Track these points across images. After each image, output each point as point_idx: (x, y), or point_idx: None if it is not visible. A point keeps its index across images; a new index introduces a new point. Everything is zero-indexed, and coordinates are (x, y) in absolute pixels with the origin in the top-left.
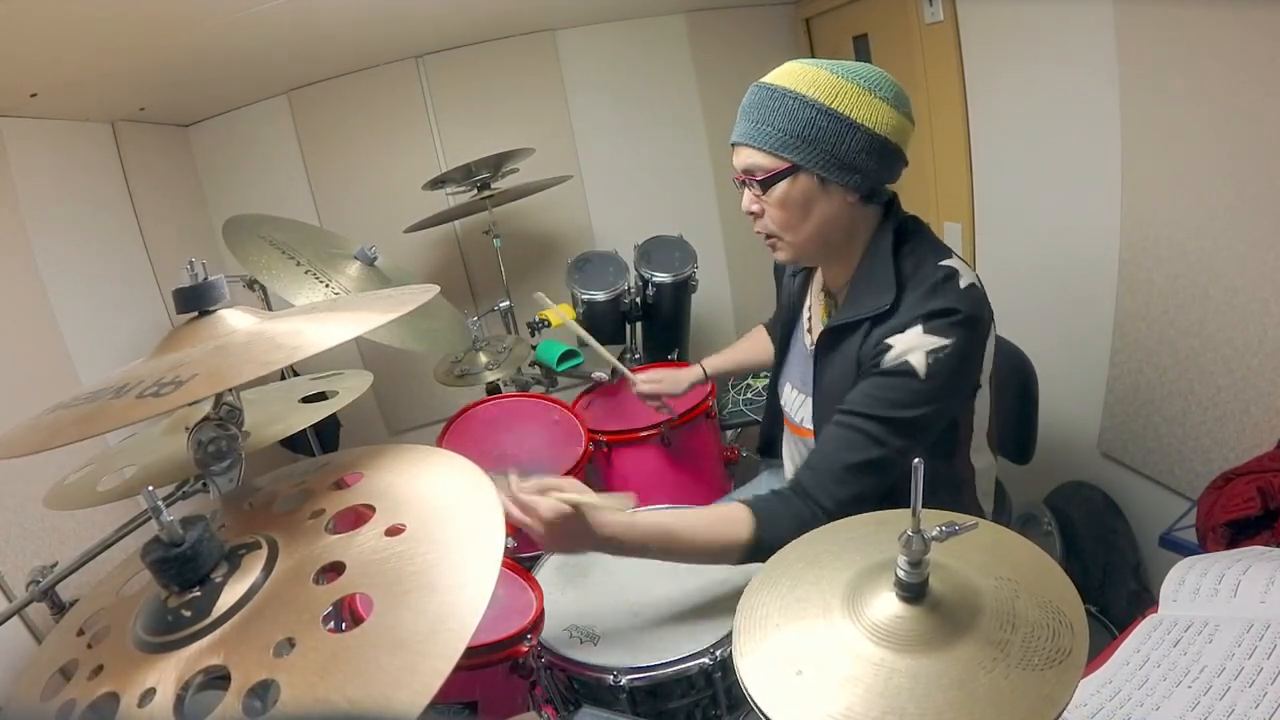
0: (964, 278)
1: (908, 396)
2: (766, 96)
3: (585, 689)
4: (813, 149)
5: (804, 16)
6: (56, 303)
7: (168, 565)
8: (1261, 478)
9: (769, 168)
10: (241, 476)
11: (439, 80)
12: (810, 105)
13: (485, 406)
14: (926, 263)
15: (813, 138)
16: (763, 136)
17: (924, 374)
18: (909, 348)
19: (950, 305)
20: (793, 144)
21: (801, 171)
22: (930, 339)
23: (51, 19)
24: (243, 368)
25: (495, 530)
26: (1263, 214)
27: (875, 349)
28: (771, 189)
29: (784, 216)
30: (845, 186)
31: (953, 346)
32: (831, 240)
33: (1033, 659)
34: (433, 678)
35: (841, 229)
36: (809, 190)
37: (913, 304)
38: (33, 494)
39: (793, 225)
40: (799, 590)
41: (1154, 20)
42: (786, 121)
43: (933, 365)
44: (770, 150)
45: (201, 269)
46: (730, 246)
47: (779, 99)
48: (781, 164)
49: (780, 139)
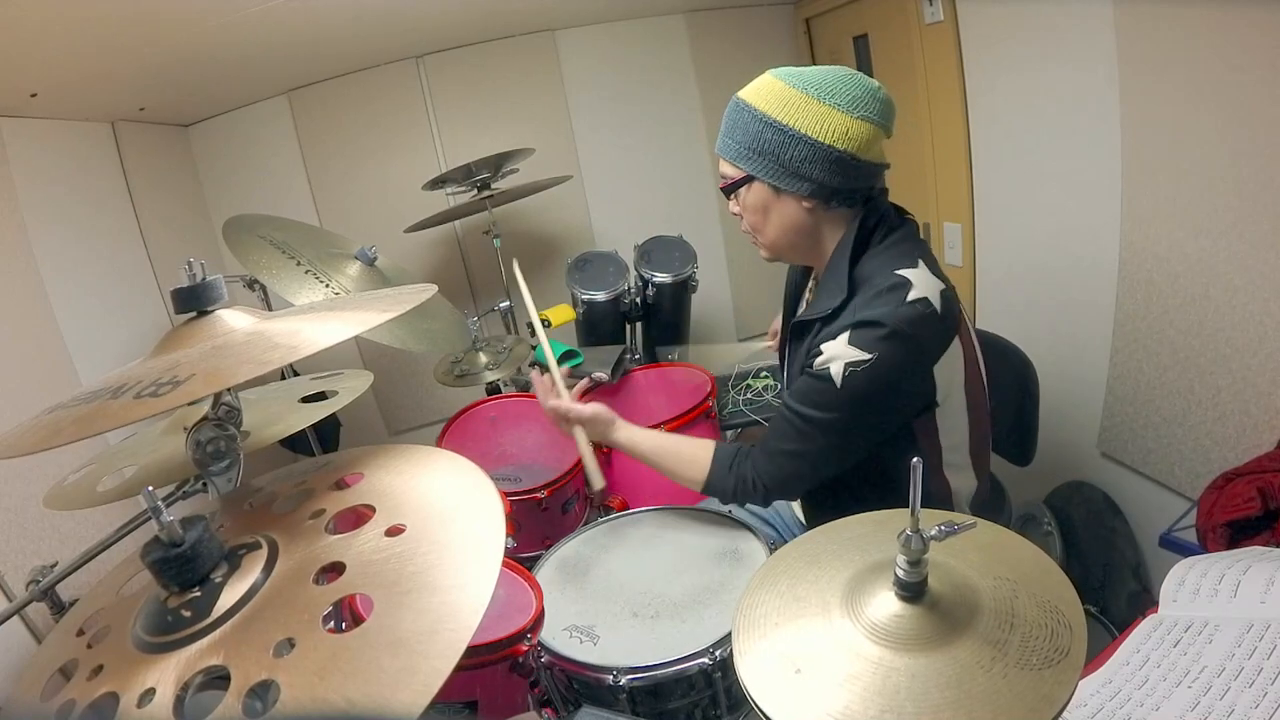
0: (915, 290)
1: (825, 400)
2: (732, 110)
3: (585, 689)
4: (762, 159)
5: (804, 16)
6: (56, 303)
7: (168, 565)
8: (1261, 478)
9: (730, 176)
10: (240, 476)
11: (439, 80)
12: (759, 119)
13: (485, 406)
14: (884, 270)
15: (761, 150)
16: (726, 148)
17: (839, 384)
18: (832, 356)
19: (879, 318)
20: (745, 155)
21: (755, 180)
22: (852, 351)
23: (51, 19)
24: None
25: (495, 530)
26: (1263, 214)
27: (810, 351)
28: (735, 195)
29: (752, 219)
30: (796, 194)
31: (873, 362)
32: (798, 243)
33: (1031, 659)
34: (433, 678)
35: (804, 232)
36: (764, 197)
37: (854, 308)
38: (33, 494)
39: (759, 227)
40: (798, 589)
41: (1154, 20)
42: (742, 134)
43: (849, 378)
44: (731, 160)
45: (200, 269)
46: (730, 246)
47: (740, 113)
48: (739, 173)
49: (737, 150)
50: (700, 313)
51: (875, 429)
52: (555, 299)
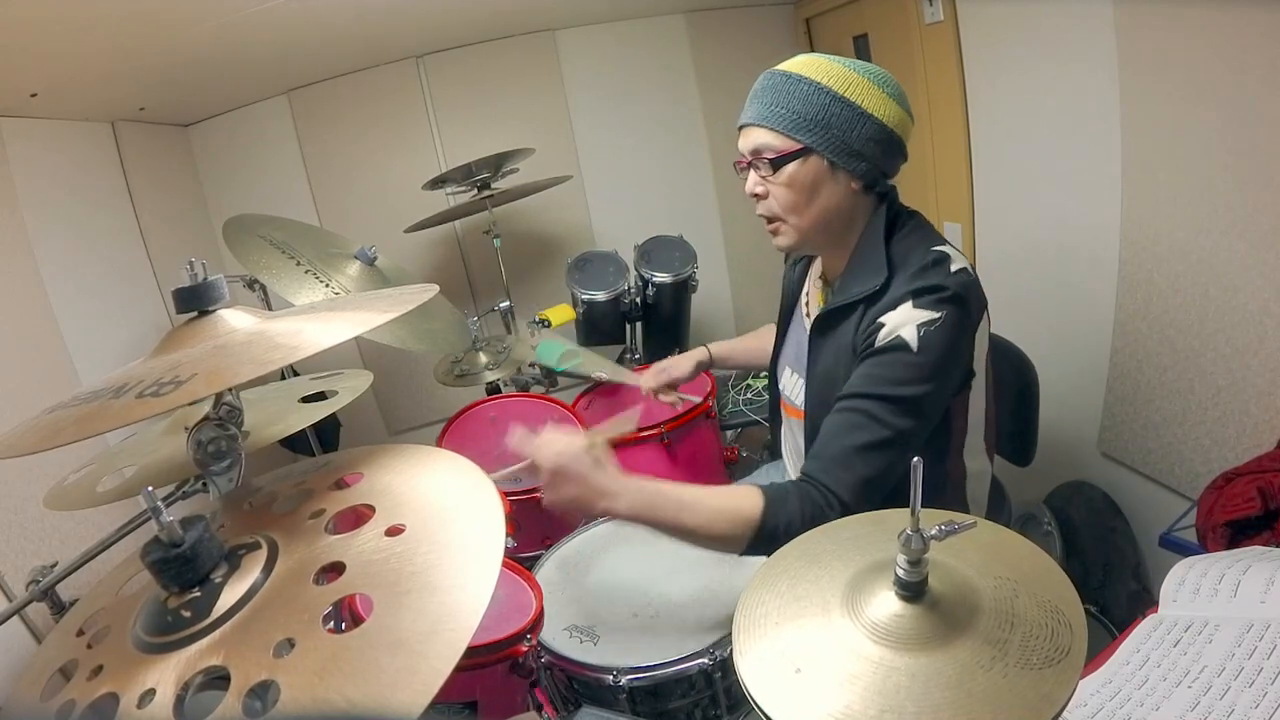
0: (955, 263)
1: (904, 372)
2: (781, 81)
3: (585, 689)
4: (825, 133)
5: (804, 16)
6: (56, 303)
7: (167, 565)
8: (1261, 478)
9: (780, 148)
10: (241, 476)
11: (439, 80)
12: (825, 92)
13: (485, 406)
14: (918, 248)
15: (826, 122)
16: (776, 118)
17: (916, 347)
18: (900, 323)
19: (938, 283)
20: (806, 126)
21: (813, 154)
22: (920, 313)
23: (51, 19)
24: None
25: (495, 530)
26: (1263, 214)
27: (868, 329)
28: (781, 169)
29: (791, 198)
30: (851, 173)
31: (943, 320)
32: (833, 226)
33: (1031, 658)
34: (433, 678)
35: (843, 216)
36: (818, 173)
37: (902, 283)
38: (33, 494)
39: (798, 208)
40: (798, 589)
41: (1154, 20)
42: (801, 105)
43: (924, 338)
44: (783, 131)
45: (201, 269)
46: (730, 246)
47: (794, 84)
48: (794, 145)
49: (794, 121)
50: (700, 313)
51: (941, 404)
52: (555, 299)
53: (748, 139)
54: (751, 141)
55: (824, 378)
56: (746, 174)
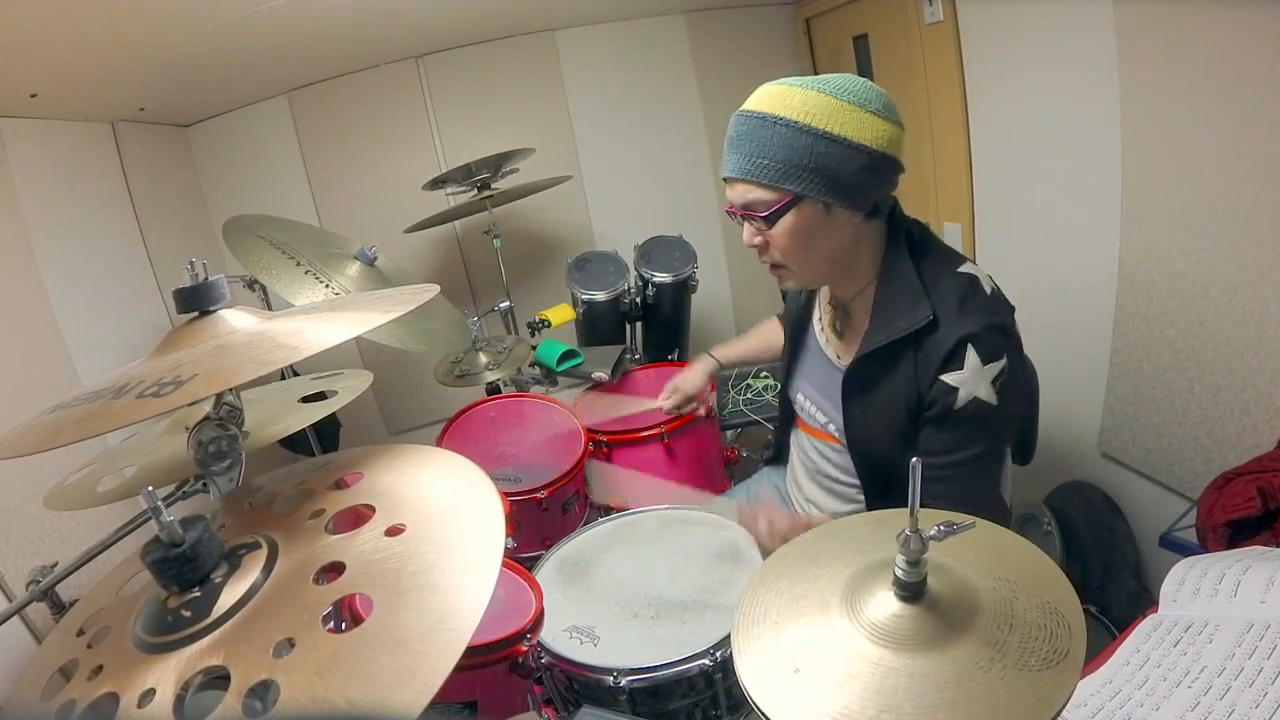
0: (984, 284)
1: (993, 425)
2: (757, 126)
3: (585, 689)
4: (814, 177)
5: (804, 16)
6: (56, 303)
7: (168, 565)
8: (1261, 478)
9: (771, 201)
10: (241, 476)
11: (439, 80)
12: (806, 131)
13: (485, 406)
14: (945, 273)
15: (813, 166)
16: (760, 170)
17: (997, 402)
18: (973, 385)
19: (988, 321)
20: (793, 174)
21: (805, 201)
22: (989, 369)
23: (51, 19)
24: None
25: (495, 530)
26: (1263, 214)
27: (936, 389)
28: (777, 223)
29: (791, 247)
30: (850, 209)
31: (1008, 362)
32: (839, 261)
33: (1030, 660)
34: (432, 677)
35: (846, 249)
36: (814, 218)
37: (949, 318)
38: (33, 494)
39: (799, 254)
40: (798, 589)
41: (1154, 20)
42: (784, 152)
43: (1001, 391)
44: (769, 184)
45: (202, 269)
46: (730, 246)
47: (770, 127)
48: (784, 196)
49: (779, 171)
50: (700, 313)
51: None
52: (555, 299)
53: (735, 192)
54: (740, 196)
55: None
56: (742, 224)
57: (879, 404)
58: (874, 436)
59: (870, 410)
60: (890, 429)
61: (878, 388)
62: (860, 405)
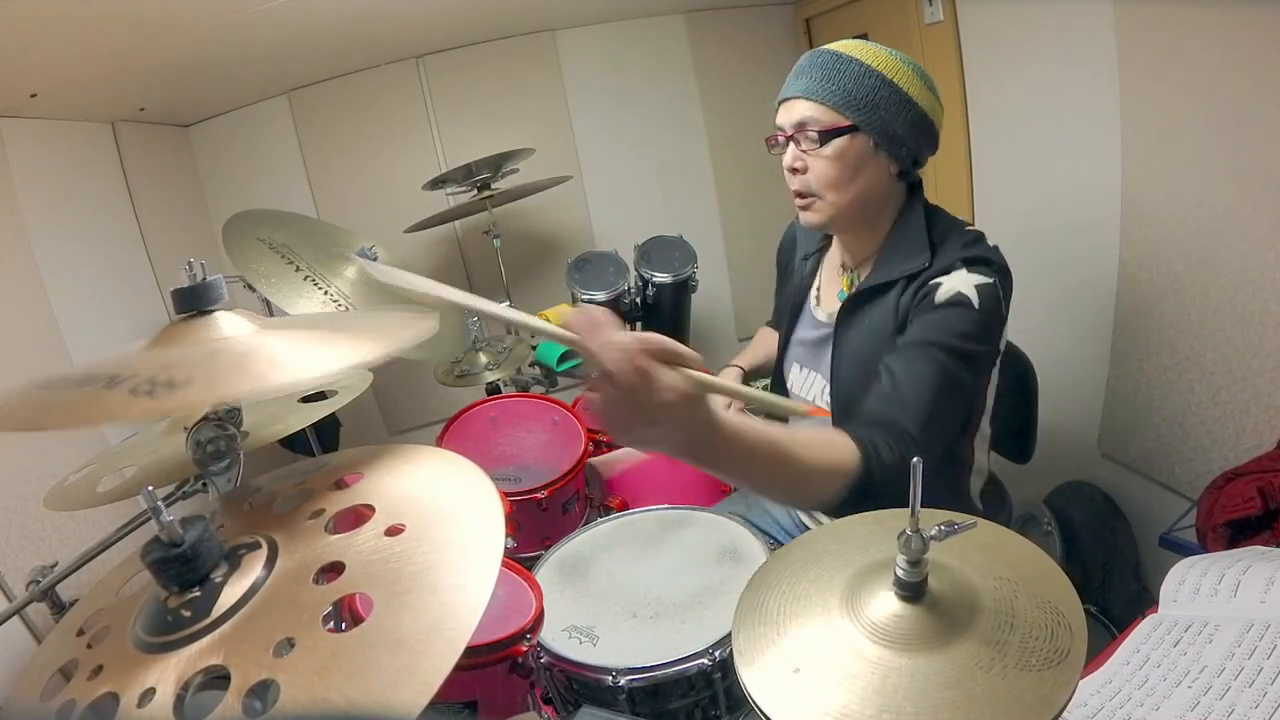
0: (989, 242)
1: (967, 327)
2: (831, 59)
3: (585, 689)
4: (873, 114)
5: (804, 16)
6: (56, 303)
7: (167, 565)
8: (1261, 478)
9: (829, 123)
10: (240, 476)
11: (439, 80)
12: (874, 74)
13: (485, 406)
14: (954, 231)
15: (874, 103)
16: (826, 93)
17: (977, 304)
18: (957, 283)
19: (986, 255)
20: (855, 105)
21: (860, 132)
22: (975, 276)
23: (51, 19)
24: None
25: (495, 530)
26: (1263, 214)
27: (921, 291)
28: (829, 144)
29: (834, 174)
30: (891, 156)
31: (995, 284)
32: (869, 207)
33: (1030, 660)
34: (432, 677)
35: (878, 198)
36: (863, 151)
37: (948, 254)
38: (33, 494)
39: (840, 184)
40: (798, 588)
41: (1154, 20)
42: (852, 84)
43: (983, 297)
44: (833, 106)
45: (201, 269)
46: (730, 247)
47: (845, 63)
48: (842, 121)
49: (844, 98)
50: (700, 313)
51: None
52: (555, 299)
53: (791, 112)
54: (796, 115)
55: (857, 359)
56: (783, 149)
57: (863, 338)
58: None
59: (857, 348)
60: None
61: (863, 325)
62: (847, 346)
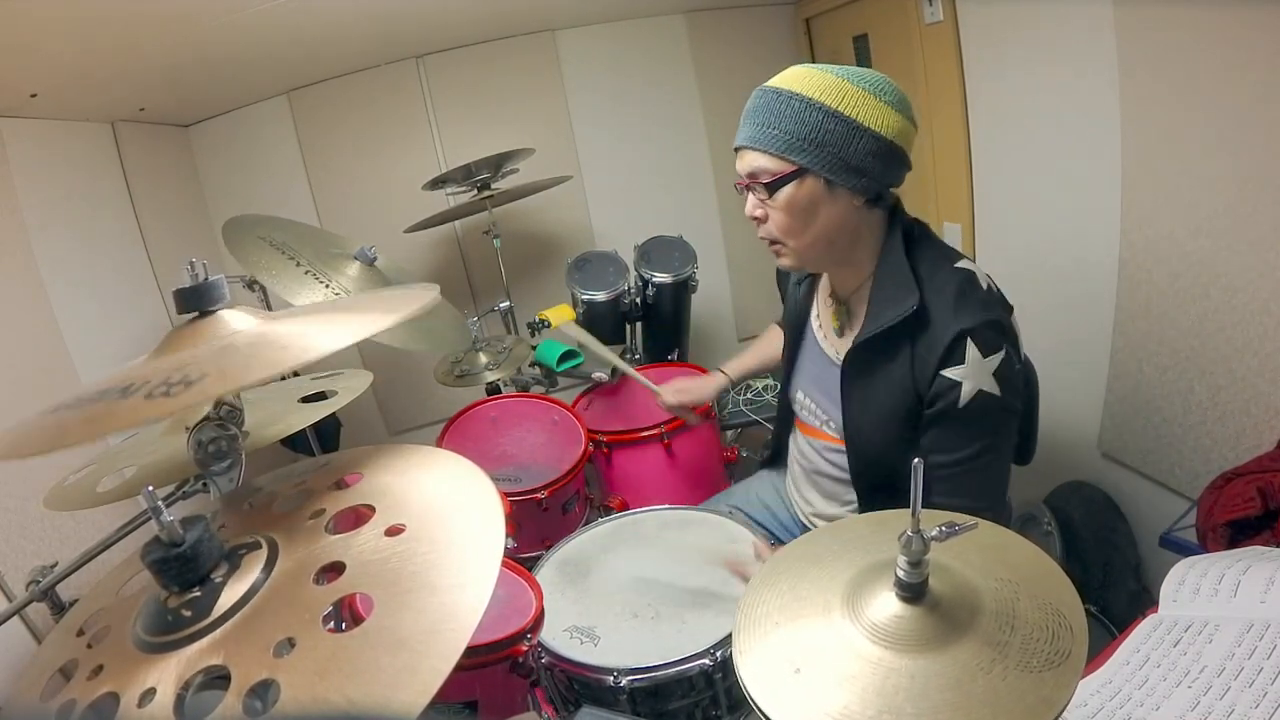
0: (981, 280)
1: (999, 418)
2: (772, 99)
3: (585, 689)
4: (820, 151)
5: (804, 16)
6: (56, 303)
7: (168, 565)
8: (1261, 478)
9: (775, 170)
10: (241, 476)
11: (439, 80)
12: (817, 108)
13: (485, 406)
14: (941, 266)
15: (820, 140)
16: (768, 139)
17: (1000, 392)
18: (977, 378)
19: (984, 316)
20: (799, 146)
21: (809, 174)
22: (989, 361)
23: (51, 19)
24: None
25: (495, 530)
26: (1263, 214)
27: (938, 384)
28: (777, 193)
29: (788, 221)
30: (851, 190)
31: (1007, 355)
32: (837, 244)
33: (1031, 660)
34: (433, 677)
35: (846, 233)
36: (815, 193)
37: (944, 311)
38: (33, 494)
39: (796, 230)
40: (799, 589)
41: (1154, 20)
42: (793, 124)
43: (1004, 381)
44: (776, 153)
45: (202, 269)
46: (730, 246)
47: (784, 102)
48: (788, 166)
49: (787, 141)
50: (700, 313)
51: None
52: (555, 299)
53: (743, 161)
54: (747, 164)
55: (868, 406)
56: (746, 195)
57: (877, 397)
58: (872, 431)
59: (868, 403)
60: (888, 425)
61: (875, 380)
62: (858, 398)
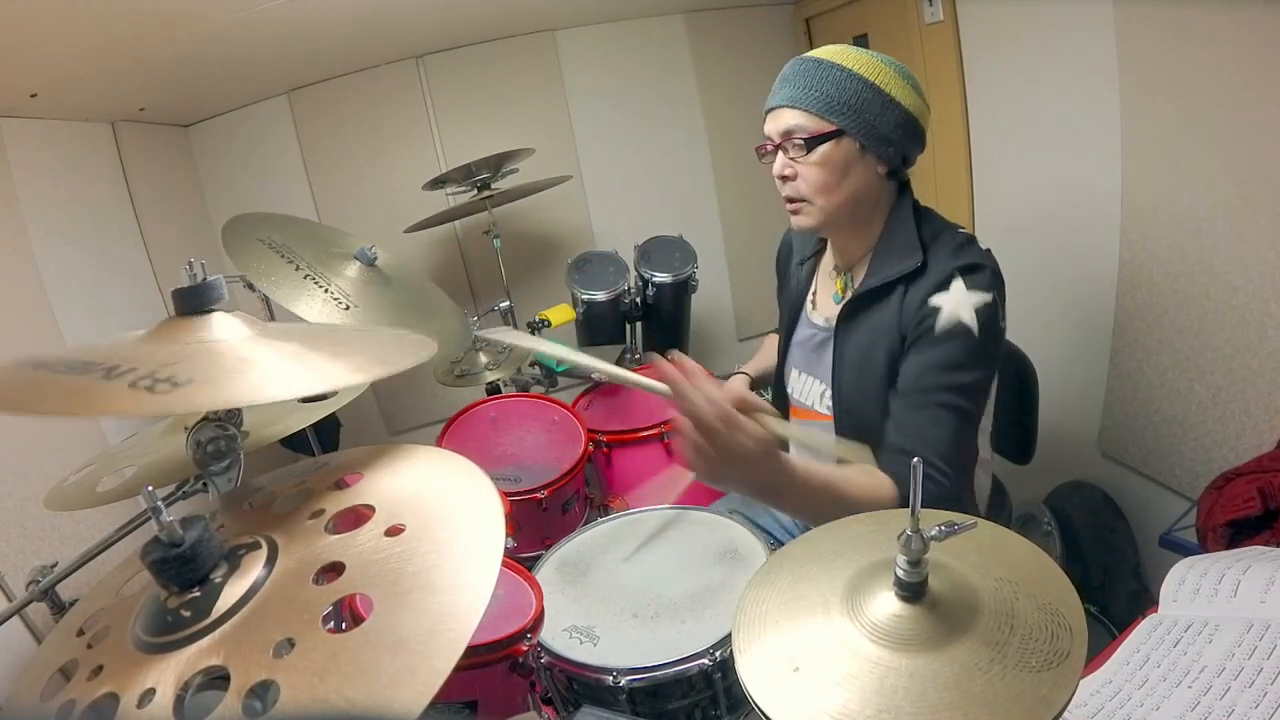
0: (980, 245)
1: (970, 358)
2: (813, 66)
3: (585, 689)
4: (857, 117)
5: (804, 16)
6: (56, 303)
7: (167, 565)
8: (1261, 478)
9: (814, 130)
10: (241, 476)
11: (439, 80)
12: (856, 78)
13: (485, 406)
14: (945, 230)
15: (858, 107)
16: (810, 100)
17: (978, 331)
18: (957, 305)
19: (981, 261)
20: (839, 109)
21: (845, 136)
22: (975, 294)
23: (51, 19)
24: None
25: (495, 530)
26: (1263, 214)
27: (921, 311)
28: (814, 150)
29: (822, 179)
30: (879, 157)
31: (994, 300)
32: (860, 208)
33: (1030, 660)
34: (433, 678)
35: (869, 199)
36: (850, 155)
37: (943, 260)
38: (33, 494)
39: (829, 188)
40: (799, 588)
41: (1154, 20)
42: (834, 89)
43: (983, 320)
44: (817, 113)
45: (201, 269)
46: (730, 246)
47: (826, 69)
48: (827, 126)
49: (828, 104)
50: (700, 313)
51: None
52: (555, 299)
53: (777, 121)
54: (782, 124)
55: (858, 363)
56: (772, 158)
57: (863, 349)
58: (861, 393)
59: (859, 363)
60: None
61: (865, 333)
62: (850, 359)
